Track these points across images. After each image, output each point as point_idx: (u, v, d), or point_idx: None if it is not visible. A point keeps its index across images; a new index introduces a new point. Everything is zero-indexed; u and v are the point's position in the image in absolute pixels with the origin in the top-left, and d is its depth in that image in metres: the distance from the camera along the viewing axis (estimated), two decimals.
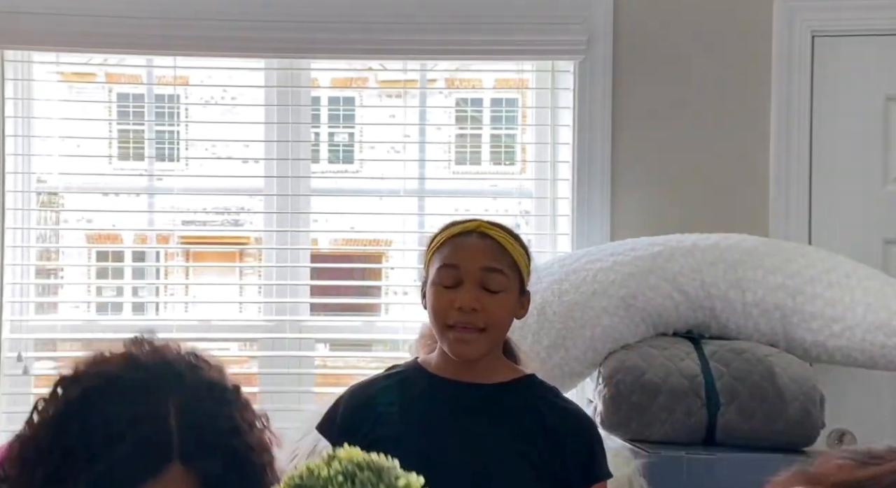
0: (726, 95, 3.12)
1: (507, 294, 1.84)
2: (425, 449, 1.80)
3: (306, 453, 2.44)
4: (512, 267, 1.86)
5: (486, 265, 1.83)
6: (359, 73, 3.53)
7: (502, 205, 3.51)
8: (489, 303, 1.81)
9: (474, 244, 1.85)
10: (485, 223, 1.88)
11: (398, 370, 1.94)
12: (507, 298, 1.84)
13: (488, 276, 1.82)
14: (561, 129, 3.22)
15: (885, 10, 3.04)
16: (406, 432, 1.83)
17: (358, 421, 1.88)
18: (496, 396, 1.85)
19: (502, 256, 1.85)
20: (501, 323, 1.85)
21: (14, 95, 3.18)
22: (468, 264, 1.83)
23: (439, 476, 1.79)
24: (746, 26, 3.12)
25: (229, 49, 3.11)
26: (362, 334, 3.38)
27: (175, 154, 3.46)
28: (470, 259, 1.83)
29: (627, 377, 2.51)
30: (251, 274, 3.51)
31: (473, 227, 1.87)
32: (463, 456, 1.79)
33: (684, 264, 2.64)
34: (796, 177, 3.07)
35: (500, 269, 1.83)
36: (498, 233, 1.88)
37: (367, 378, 1.98)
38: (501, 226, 1.92)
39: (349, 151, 3.73)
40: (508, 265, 1.85)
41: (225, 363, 1.50)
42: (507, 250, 1.86)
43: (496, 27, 3.08)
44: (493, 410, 1.83)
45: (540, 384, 1.92)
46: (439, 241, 1.88)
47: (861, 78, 3.08)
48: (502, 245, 1.86)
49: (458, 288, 1.82)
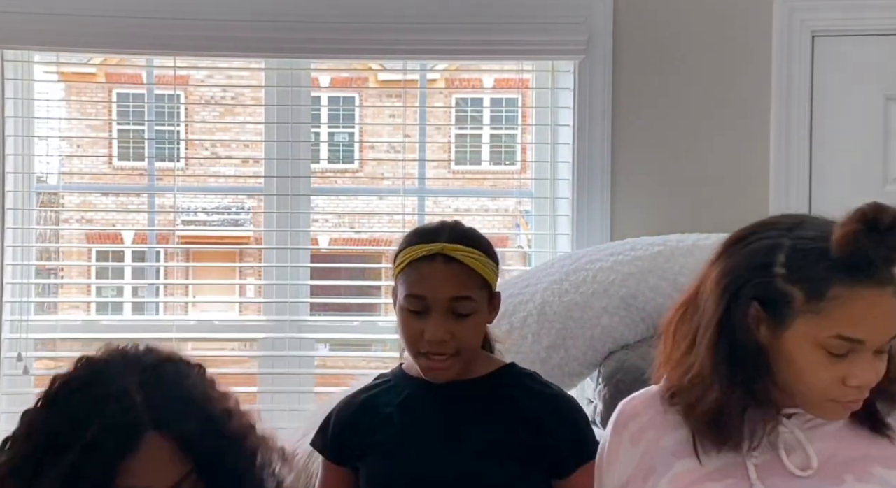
0: (726, 95, 3.12)
1: (477, 315, 1.79)
2: (412, 454, 1.82)
3: (306, 453, 2.44)
4: (481, 285, 1.79)
5: (454, 295, 1.76)
6: (359, 73, 3.53)
7: (502, 204, 3.52)
8: (459, 329, 1.76)
9: (440, 272, 1.77)
10: (448, 244, 1.79)
11: (385, 379, 1.95)
12: (478, 319, 1.79)
13: (457, 304, 1.76)
14: (561, 129, 3.22)
15: (885, 10, 3.04)
16: (393, 439, 1.84)
17: (349, 434, 1.89)
18: (475, 391, 1.84)
19: (470, 280, 1.78)
20: (472, 344, 1.81)
21: (14, 95, 3.18)
22: (435, 294, 1.76)
23: (425, 478, 1.81)
24: (746, 26, 3.12)
25: (229, 49, 3.10)
26: (362, 334, 3.38)
27: (175, 154, 3.47)
28: (436, 289, 1.76)
29: (627, 377, 2.51)
30: (251, 274, 3.51)
31: (437, 250, 1.78)
32: (447, 456, 1.80)
33: (684, 264, 2.64)
34: (796, 177, 3.07)
35: (468, 296, 1.77)
36: (464, 253, 1.78)
37: (356, 389, 1.98)
38: (466, 238, 1.83)
39: (349, 151, 3.74)
40: (478, 286, 1.79)
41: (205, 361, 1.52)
42: (475, 271, 1.78)
43: (496, 27, 3.08)
44: (473, 406, 1.83)
45: (518, 372, 1.90)
46: (403, 263, 1.81)
47: (861, 78, 3.08)
48: (470, 267, 1.78)
49: (427, 314, 1.77)
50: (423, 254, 1.79)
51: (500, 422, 1.81)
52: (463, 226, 1.89)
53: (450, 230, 1.84)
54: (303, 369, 3.25)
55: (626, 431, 1.62)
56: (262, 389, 3.25)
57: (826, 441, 1.54)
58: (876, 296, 1.41)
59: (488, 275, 1.81)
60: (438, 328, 1.76)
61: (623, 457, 1.62)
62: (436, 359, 1.78)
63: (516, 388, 1.86)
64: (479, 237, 1.86)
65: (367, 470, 1.86)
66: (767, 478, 1.50)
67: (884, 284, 1.41)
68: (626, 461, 1.61)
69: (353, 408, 1.91)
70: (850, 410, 1.49)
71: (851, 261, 1.40)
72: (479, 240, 1.84)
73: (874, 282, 1.41)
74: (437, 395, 1.84)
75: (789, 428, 1.54)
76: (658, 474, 1.56)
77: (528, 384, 1.88)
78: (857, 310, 1.41)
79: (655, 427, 1.60)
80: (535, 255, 3.26)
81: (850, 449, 1.54)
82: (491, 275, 1.82)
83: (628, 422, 1.63)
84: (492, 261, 1.83)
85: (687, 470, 1.54)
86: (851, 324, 1.41)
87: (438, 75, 3.50)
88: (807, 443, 1.52)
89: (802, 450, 1.52)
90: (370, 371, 3.03)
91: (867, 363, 1.43)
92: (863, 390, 1.46)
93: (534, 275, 2.72)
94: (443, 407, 1.84)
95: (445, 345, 1.77)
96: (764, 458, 1.52)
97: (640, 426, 1.62)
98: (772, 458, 1.52)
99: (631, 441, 1.61)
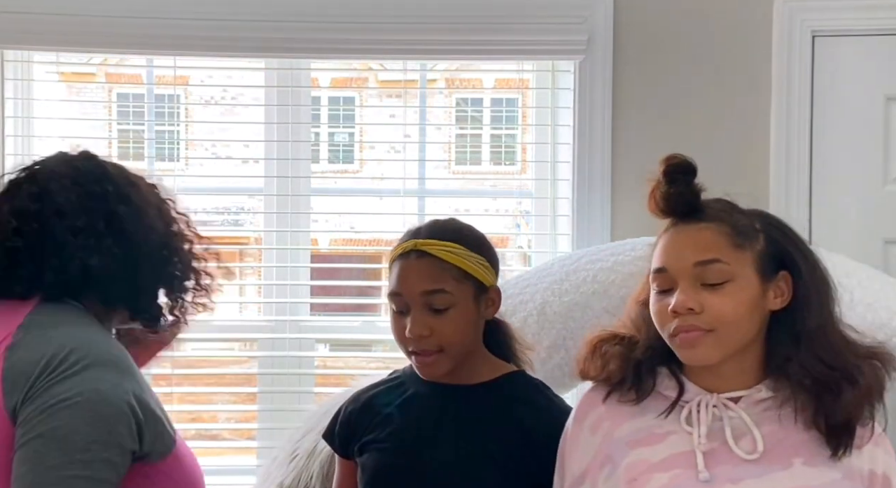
0: (726, 95, 3.12)
1: (456, 309, 1.77)
2: (402, 454, 1.83)
3: (306, 453, 2.44)
4: (459, 278, 1.78)
5: (426, 289, 1.76)
6: (359, 73, 3.53)
7: (502, 205, 3.52)
8: (438, 325, 1.76)
9: (412, 268, 1.78)
10: (421, 239, 1.80)
11: (396, 376, 1.96)
12: (458, 313, 1.78)
13: (431, 298, 1.76)
14: (561, 129, 3.22)
15: (885, 10, 3.04)
16: (387, 438, 1.85)
17: (355, 427, 1.91)
18: (475, 396, 1.84)
19: (444, 272, 1.77)
20: (456, 339, 1.79)
21: (14, 95, 3.18)
22: (409, 291, 1.77)
23: (411, 479, 1.81)
24: (746, 26, 3.12)
25: (229, 49, 3.10)
26: (362, 334, 3.38)
27: (175, 154, 3.47)
28: (410, 285, 1.77)
29: None
30: (251, 274, 3.51)
31: (411, 247, 1.79)
32: (433, 459, 1.80)
33: None
34: (796, 177, 3.07)
35: (440, 289, 1.76)
36: (438, 247, 1.79)
37: (369, 384, 1.99)
38: (445, 232, 1.83)
39: (349, 151, 3.73)
40: (453, 278, 1.77)
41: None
42: (449, 263, 1.78)
43: (496, 27, 3.08)
44: (470, 411, 1.83)
45: (524, 382, 1.90)
46: (389, 261, 1.84)
47: (861, 78, 3.08)
48: (443, 260, 1.77)
49: (408, 312, 1.78)
50: (399, 252, 1.81)
51: (494, 432, 1.80)
52: (449, 222, 1.89)
53: (430, 226, 1.85)
54: (303, 369, 3.25)
55: (587, 420, 1.69)
56: (262, 389, 3.25)
57: (774, 424, 1.59)
58: (674, 233, 1.66)
59: (468, 266, 1.79)
60: (415, 324, 1.76)
61: (583, 446, 1.68)
62: (421, 357, 1.79)
63: (517, 399, 1.84)
64: (462, 231, 1.85)
65: (362, 467, 1.87)
66: (715, 466, 1.55)
67: (676, 224, 1.67)
68: (585, 449, 1.68)
69: (358, 405, 1.93)
70: (686, 345, 1.58)
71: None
72: (460, 234, 1.83)
73: (671, 226, 1.68)
74: (437, 397, 1.84)
75: (737, 412, 1.58)
76: (614, 462, 1.62)
77: (531, 395, 1.86)
78: (658, 248, 1.68)
79: (611, 418, 1.67)
80: (535, 255, 3.26)
81: (798, 432, 1.58)
82: (473, 266, 1.80)
83: (588, 412, 1.70)
84: (477, 254, 1.81)
85: (638, 461, 1.60)
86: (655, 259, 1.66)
87: (438, 75, 3.49)
88: (753, 426, 1.57)
89: (751, 435, 1.56)
90: (370, 371, 3.04)
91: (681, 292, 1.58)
92: (683, 318, 1.57)
93: (534, 275, 2.72)
94: (440, 409, 1.84)
95: (426, 340, 1.77)
96: (712, 446, 1.57)
97: (599, 416, 1.68)
98: (720, 446, 1.57)
99: (590, 430, 1.68)
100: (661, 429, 1.62)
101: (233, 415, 3.45)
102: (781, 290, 1.63)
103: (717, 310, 1.56)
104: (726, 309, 1.56)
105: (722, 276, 1.57)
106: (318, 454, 2.40)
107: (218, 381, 3.41)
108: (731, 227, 1.63)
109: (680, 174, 1.67)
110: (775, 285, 1.63)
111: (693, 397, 1.63)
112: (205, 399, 3.31)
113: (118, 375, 1.58)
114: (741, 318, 1.58)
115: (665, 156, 1.69)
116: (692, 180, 1.67)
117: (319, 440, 2.36)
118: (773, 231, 1.67)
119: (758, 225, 1.67)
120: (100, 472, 1.52)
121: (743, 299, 1.57)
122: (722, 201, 1.72)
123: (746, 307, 1.58)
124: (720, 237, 1.61)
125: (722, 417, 1.59)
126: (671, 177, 1.67)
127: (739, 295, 1.57)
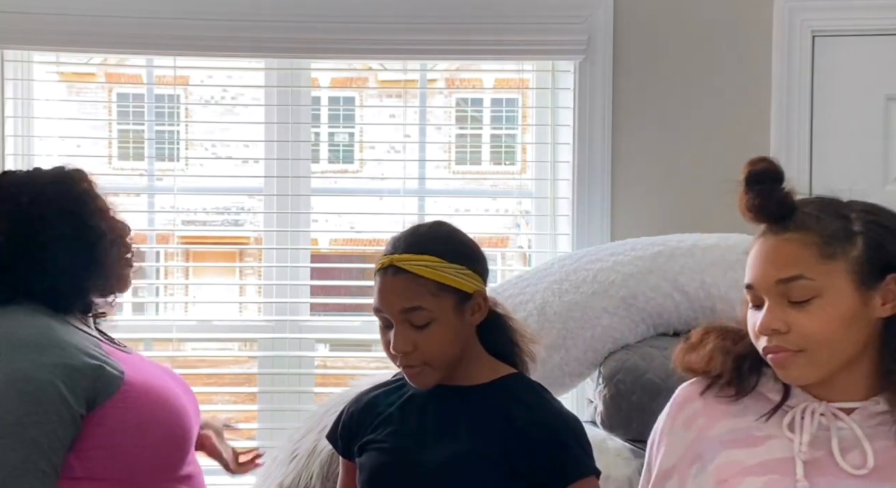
0: (726, 95, 3.12)
1: (437, 323, 1.75)
2: (398, 454, 1.82)
3: (306, 453, 2.44)
4: (436, 292, 1.75)
5: (403, 307, 1.74)
6: (359, 73, 3.53)
7: (502, 204, 3.52)
8: (421, 340, 1.75)
9: (389, 285, 1.76)
10: (398, 253, 1.77)
11: (398, 376, 1.95)
12: (439, 327, 1.76)
13: (410, 315, 1.75)
14: (561, 129, 3.22)
15: (885, 10, 3.04)
16: (385, 438, 1.85)
17: (356, 428, 1.91)
18: (472, 398, 1.84)
19: (420, 288, 1.74)
20: (440, 353, 1.78)
21: (14, 95, 3.18)
22: (388, 309, 1.76)
23: (406, 479, 1.81)
24: (746, 26, 3.12)
25: (229, 49, 3.11)
26: (362, 334, 3.38)
27: (175, 154, 3.47)
28: (388, 303, 1.76)
29: (627, 377, 2.51)
30: (251, 274, 3.51)
31: (387, 263, 1.76)
32: (428, 460, 1.79)
33: (684, 264, 2.64)
34: (796, 177, 3.05)
35: (417, 306, 1.74)
36: (412, 262, 1.75)
37: (372, 385, 1.99)
38: (421, 244, 1.79)
39: (349, 151, 3.74)
40: (430, 293, 1.75)
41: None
42: (424, 279, 1.75)
43: (496, 27, 3.08)
44: (467, 413, 1.82)
45: (521, 384, 1.88)
46: (374, 273, 1.82)
47: (861, 78, 3.08)
48: (419, 275, 1.74)
49: (391, 326, 1.78)
50: (378, 267, 1.79)
51: (490, 432, 1.79)
52: (429, 230, 1.85)
53: (407, 237, 1.81)
54: (303, 369, 3.25)
55: (681, 414, 1.63)
56: (262, 389, 3.25)
57: (888, 440, 1.48)
58: (761, 244, 1.54)
59: (446, 278, 1.76)
60: (398, 340, 1.76)
61: (675, 440, 1.62)
62: (408, 369, 1.80)
63: (514, 401, 1.83)
64: (440, 239, 1.81)
65: (360, 467, 1.88)
66: (816, 477, 1.46)
67: (765, 233, 1.55)
68: (677, 443, 1.62)
69: (359, 406, 1.94)
70: (778, 365, 1.50)
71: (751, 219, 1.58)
72: (437, 243, 1.80)
73: (761, 233, 1.56)
74: (435, 399, 1.84)
75: (848, 423, 1.49)
76: (704, 461, 1.56)
77: (528, 397, 1.85)
78: (749, 259, 1.55)
79: (707, 414, 1.60)
80: (535, 255, 3.26)
81: None
82: (451, 277, 1.76)
83: (684, 406, 1.64)
84: (456, 264, 1.77)
85: (731, 462, 1.53)
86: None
87: (438, 75, 3.49)
88: (865, 440, 1.47)
89: (860, 448, 1.47)
90: (370, 371, 3.04)
91: (767, 311, 1.49)
92: (770, 338, 1.49)
93: (534, 275, 2.72)
94: (438, 410, 1.84)
95: (410, 356, 1.77)
96: (814, 455, 1.48)
97: (695, 411, 1.62)
98: (824, 456, 1.48)
99: (684, 425, 1.62)
100: (760, 432, 1.53)
101: (233, 415, 3.45)
102: (892, 294, 1.48)
103: (804, 330, 1.45)
104: (814, 328, 1.44)
105: (807, 293, 1.46)
106: (318, 454, 2.40)
107: (218, 381, 3.41)
108: (818, 236, 1.49)
109: (761, 182, 1.55)
110: (883, 290, 1.48)
111: (799, 403, 1.53)
112: (205, 399, 3.31)
113: (37, 353, 1.82)
114: (834, 336, 1.45)
115: (748, 161, 1.58)
116: (776, 186, 1.55)
117: (319, 440, 2.36)
118: (877, 230, 1.52)
119: (856, 226, 1.52)
120: (37, 440, 1.76)
121: (834, 315, 1.45)
122: (817, 201, 1.58)
123: (840, 323, 1.45)
124: (804, 249, 1.48)
125: (829, 427, 1.49)
126: (752, 184, 1.56)
127: (829, 311, 1.45)
